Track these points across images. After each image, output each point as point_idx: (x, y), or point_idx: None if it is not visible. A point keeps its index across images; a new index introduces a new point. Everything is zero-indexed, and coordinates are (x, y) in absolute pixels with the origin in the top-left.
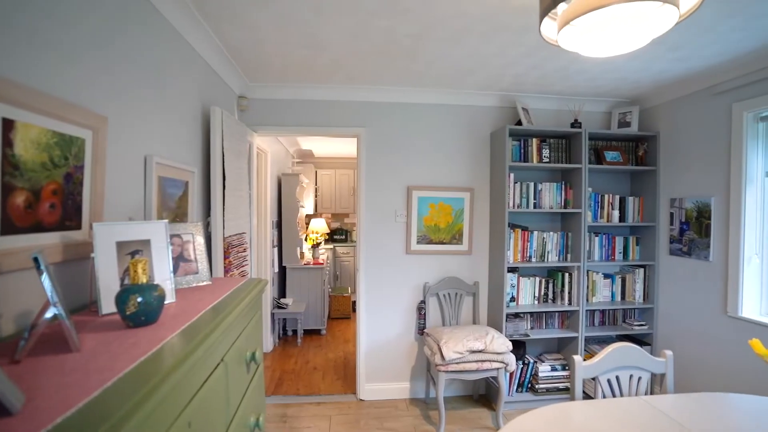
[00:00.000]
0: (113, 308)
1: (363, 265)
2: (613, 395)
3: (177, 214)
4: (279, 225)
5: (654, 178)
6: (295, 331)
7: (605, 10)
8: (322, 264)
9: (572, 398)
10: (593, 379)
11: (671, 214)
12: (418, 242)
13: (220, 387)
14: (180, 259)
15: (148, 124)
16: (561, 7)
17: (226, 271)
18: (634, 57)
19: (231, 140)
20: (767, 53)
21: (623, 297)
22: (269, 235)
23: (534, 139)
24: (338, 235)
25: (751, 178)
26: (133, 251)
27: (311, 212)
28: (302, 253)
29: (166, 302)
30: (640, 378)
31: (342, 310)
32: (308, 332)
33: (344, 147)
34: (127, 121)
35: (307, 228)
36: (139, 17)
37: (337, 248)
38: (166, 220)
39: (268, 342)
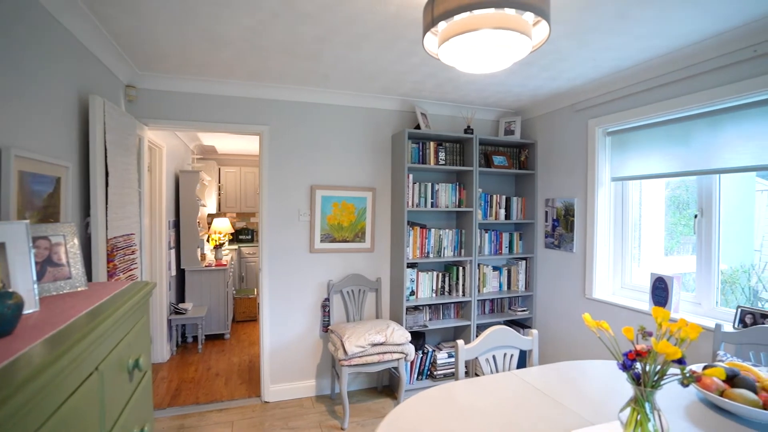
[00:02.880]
0: None
1: (266, 264)
2: (491, 372)
3: (46, 213)
4: (177, 225)
5: (533, 181)
6: (195, 338)
7: (476, 33)
8: (226, 265)
9: (456, 378)
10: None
11: (546, 213)
12: (321, 241)
13: (94, 398)
14: (48, 264)
15: (4, 114)
16: (441, 26)
17: (111, 275)
18: (513, 73)
19: (116, 133)
20: (613, 80)
21: (509, 287)
22: (165, 235)
23: (431, 143)
24: (244, 235)
25: (602, 182)
26: None
27: (214, 211)
28: (203, 255)
29: (26, 311)
30: (512, 355)
31: (248, 313)
32: (211, 337)
33: (250, 144)
34: None
35: (209, 228)
36: None
37: (242, 249)
38: (27, 221)
39: (165, 351)
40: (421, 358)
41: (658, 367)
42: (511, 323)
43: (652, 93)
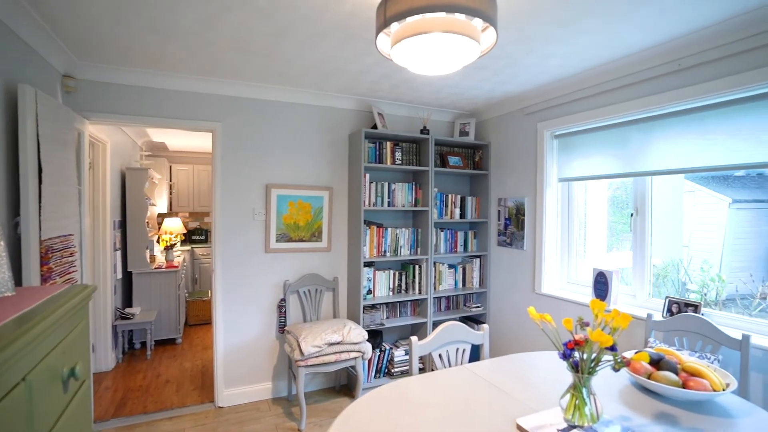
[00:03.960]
0: None
1: (219, 265)
2: (445, 367)
3: None
4: (123, 225)
5: (487, 181)
6: (144, 343)
7: (427, 35)
8: (177, 267)
9: (410, 374)
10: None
11: (499, 212)
12: (277, 240)
13: (20, 412)
14: None
15: None
16: (394, 27)
17: (46, 279)
18: (467, 77)
19: (51, 126)
20: (559, 86)
21: (464, 284)
22: (110, 236)
23: (388, 143)
24: (197, 235)
25: (549, 182)
26: None
27: (165, 211)
28: (153, 256)
29: None
30: (464, 350)
31: (201, 316)
32: (161, 343)
33: (203, 141)
34: None
35: (159, 228)
36: None
37: (195, 249)
38: None
39: (109, 359)
40: (379, 356)
41: (594, 354)
42: (466, 319)
43: (593, 99)
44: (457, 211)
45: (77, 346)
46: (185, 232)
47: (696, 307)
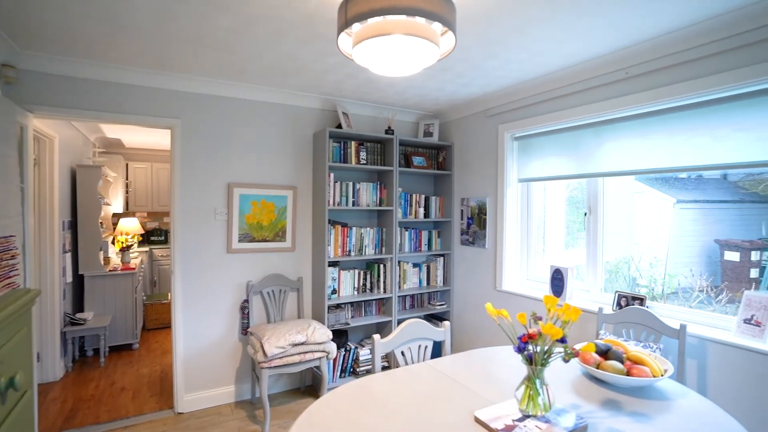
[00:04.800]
0: None
1: (179, 266)
2: (407, 364)
3: None
4: (74, 226)
5: (450, 181)
6: (97, 350)
7: (388, 37)
8: (134, 269)
9: (373, 371)
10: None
11: (462, 211)
12: (240, 241)
13: None
14: None
15: None
16: (356, 27)
17: None
18: (431, 78)
19: None
20: (518, 89)
21: (428, 282)
22: (58, 237)
23: (353, 142)
24: (156, 236)
25: (510, 183)
26: None
27: (121, 210)
28: (107, 258)
29: None
30: (426, 346)
31: (161, 319)
32: (116, 349)
33: (162, 138)
34: None
35: (115, 229)
36: None
37: (154, 251)
38: None
39: (57, 368)
40: (344, 355)
41: (546, 347)
42: (431, 317)
43: (550, 103)
44: (422, 210)
45: (17, 355)
46: (143, 232)
47: (642, 300)
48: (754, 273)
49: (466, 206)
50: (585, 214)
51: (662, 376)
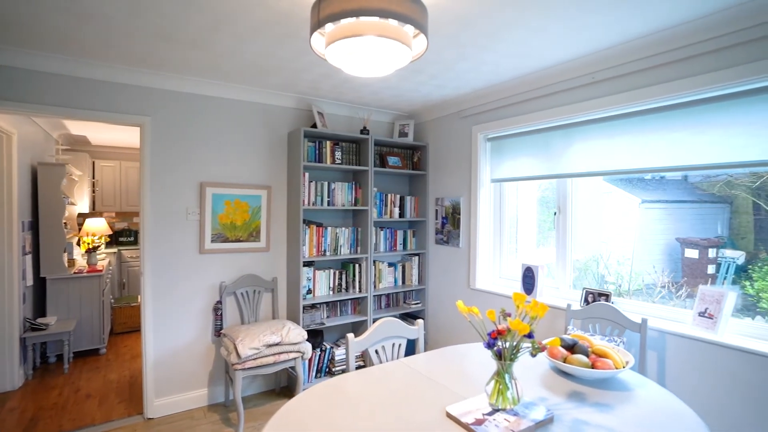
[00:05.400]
0: None
1: (149, 268)
2: (381, 362)
3: None
4: (35, 227)
5: (425, 181)
6: (60, 356)
7: (361, 38)
8: (101, 271)
9: (347, 370)
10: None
11: (436, 211)
12: (213, 241)
13: None
14: None
15: None
16: (329, 27)
17: None
18: (405, 79)
19: None
20: (491, 91)
21: (404, 281)
22: (17, 239)
23: (328, 142)
24: (125, 236)
25: (483, 183)
26: None
27: (87, 210)
28: (72, 260)
29: None
30: (400, 345)
31: (129, 323)
32: (82, 354)
33: (131, 135)
34: None
35: (80, 230)
36: None
37: (123, 252)
38: None
39: (15, 376)
40: (320, 355)
41: (515, 342)
42: (406, 316)
43: (522, 105)
44: (397, 210)
45: None
46: (111, 233)
47: (607, 297)
48: (711, 269)
49: (441, 206)
50: (555, 213)
51: (624, 367)
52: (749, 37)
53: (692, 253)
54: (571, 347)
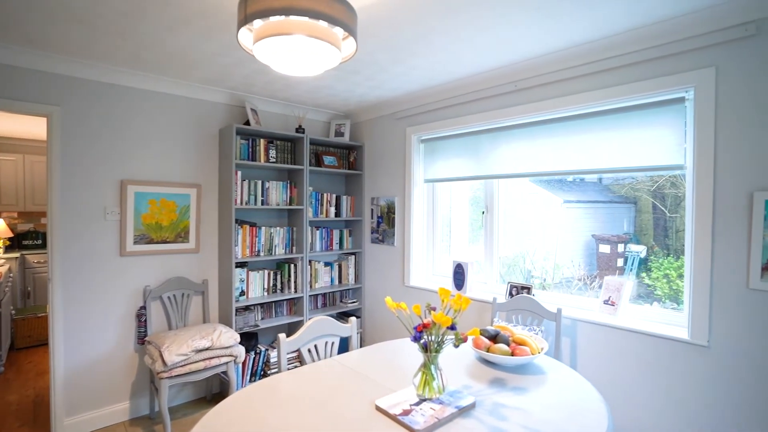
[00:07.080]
0: None
1: (59, 273)
2: (314, 361)
3: None
4: None
5: (361, 181)
6: None
7: (288, 37)
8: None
9: (279, 371)
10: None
11: (372, 210)
12: (135, 242)
13: None
14: None
15: None
16: (257, 23)
17: None
18: (341, 80)
19: None
20: (424, 95)
21: (340, 281)
22: None
23: (262, 140)
24: (30, 239)
25: (416, 183)
26: None
27: None
28: None
29: None
30: (333, 343)
31: (36, 336)
32: None
33: (39, 126)
34: None
35: None
36: None
37: (27, 257)
38: None
39: None
40: (254, 358)
41: (439, 334)
42: (343, 315)
43: (453, 109)
44: (333, 209)
45: None
46: (12, 236)
47: (529, 289)
48: (620, 262)
49: (376, 205)
50: (483, 212)
51: (538, 353)
52: (653, 56)
53: (605, 248)
54: (494, 337)
